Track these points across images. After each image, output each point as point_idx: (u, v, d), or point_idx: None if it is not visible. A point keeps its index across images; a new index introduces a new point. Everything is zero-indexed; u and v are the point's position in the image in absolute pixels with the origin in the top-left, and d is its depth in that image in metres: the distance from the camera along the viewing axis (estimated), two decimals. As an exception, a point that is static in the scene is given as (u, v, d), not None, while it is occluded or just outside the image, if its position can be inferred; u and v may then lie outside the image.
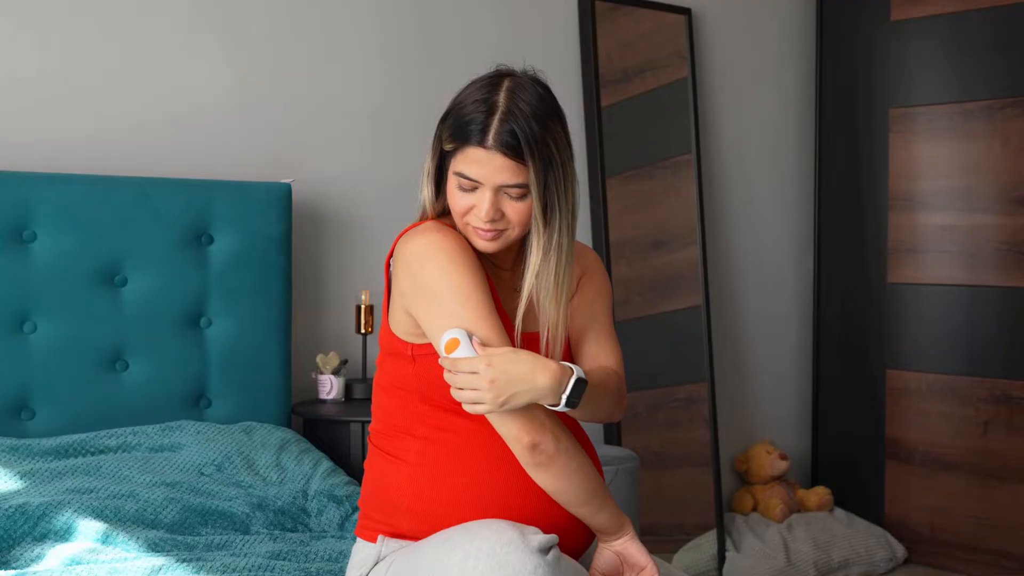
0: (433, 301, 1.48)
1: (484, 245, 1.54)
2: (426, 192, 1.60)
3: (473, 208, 1.51)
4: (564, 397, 1.43)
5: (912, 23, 3.50)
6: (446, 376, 1.44)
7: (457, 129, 1.49)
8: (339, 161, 2.95)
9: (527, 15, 3.28)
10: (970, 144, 3.40)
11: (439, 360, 1.45)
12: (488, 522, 1.40)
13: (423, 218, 1.62)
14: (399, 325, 1.56)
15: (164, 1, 2.71)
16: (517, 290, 1.61)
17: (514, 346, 1.54)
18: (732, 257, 3.75)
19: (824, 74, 3.77)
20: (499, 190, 1.49)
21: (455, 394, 1.43)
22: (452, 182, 1.52)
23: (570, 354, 1.64)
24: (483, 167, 1.48)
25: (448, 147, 1.52)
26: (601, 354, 1.64)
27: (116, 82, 2.65)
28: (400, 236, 1.58)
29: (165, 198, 2.51)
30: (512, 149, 1.46)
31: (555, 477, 1.47)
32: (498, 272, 1.63)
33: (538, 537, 1.36)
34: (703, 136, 3.63)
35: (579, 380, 1.44)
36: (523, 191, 1.49)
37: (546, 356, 1.54)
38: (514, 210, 1.51)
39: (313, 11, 2.92)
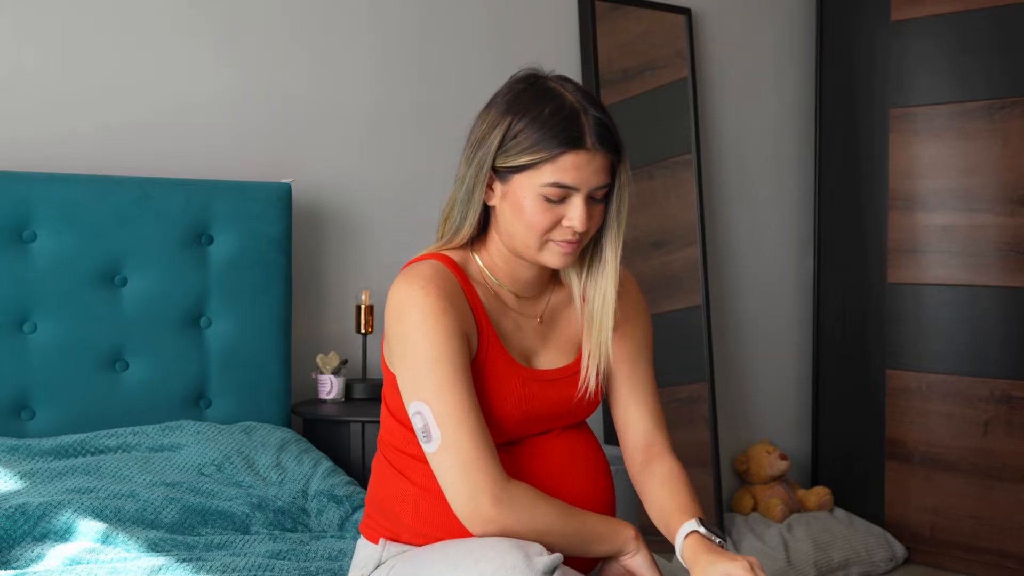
0: (404, 361, 1.46)
1: (564, 260, 1.49)
2: (470, 220, 1.52)
3: (560, 220, 1.46)
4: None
5: (912, 23, 3.50)
6: None
7: (541, 141, 1.43)
8: (339, 161, 2.95)
9: (527, 15, 3.28)
10: (970, 144, 3.40)
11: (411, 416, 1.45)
12: (492, 542, 1.37)
13: (449, 243, 1.56)
14: (391, 359, 1.53)
15: (164, 1, 2.70)
16: (538, 320, 1.59)
17: (528, 389, 1.52)
18: (732, 257, 3.75)
19: (824, 74, 3.77)
20: (589, 194, 1.46)
21: None
22: (532, 197, 1.44)
23: (601, 387, 1.61)
24: (582, 171, 1.43)
25: (523, 162, 1.44)
26: (649, 420, 1.64)
27: (116, 82, 2.65)
28: (406, 266, 1.54)
29: (165, 198, 2.51)
30: (610, 145, 1.44)
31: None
32: (521, 303, 1.58)
33: (542, 559, 1.33)
34: (703, 136, 3.63)
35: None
36: (605, 191, 1.47)
37: (581, 389, 1.56)
38: (596, 213, 1.48)
39: (313, 11, 2.92)
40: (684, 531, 1.49)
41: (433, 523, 1.50)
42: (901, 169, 3.55)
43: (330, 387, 2.73)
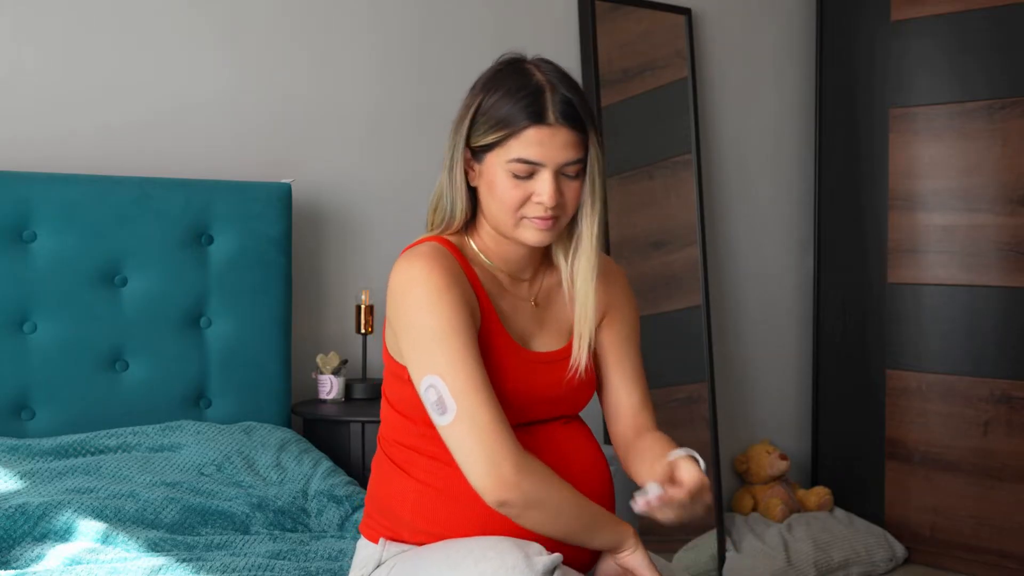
0: (412, 339, 1.46)
1: (542, 237, 1.50)
2: (459, 204, 1.53)
3: (531, 197, 1.46)
4: None
5: (912, 23, 3.50)
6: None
7: (505, 117, 1.44)
8: (339, 161, 2.95)
9: (527, 15, 3.28)
10: (970, 144, 3.40)
11: (423, 393, 1.44)
12: (493, 542, 1.37)
13: (444, 228, 1.57)
14: (395, 349, 1.53)
15: (164, 1, 2.71)
16: (532, 303, 1.59)
17: (525, 370, 1.53)
18: (732, 257, 3.76)
19: (824, 74, 3.78)
20: (557, 171, 1.46)
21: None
22: (502, 174, 1.46)
23: (593, 371, 1.62)
24: (546, 146, 1.44)
25: (490, 139, 1.46)
26: (637, 399, 1.65)
27: (116, 82, 2.65)
28: (405, 250, 1.54)
29: (165, 198, 2.51)
30: (574, 120, 1.45)
31: (532, 525, 1.44)
32: (515, 284, 1.59)
33: (542, 559, 1.34)
34: (703, 136, 3.63)
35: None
36: (579, 167, 1.47)
37: (572, 367, 1.56)
38: (570, 189, 1.48)
39: (313, 11, 2.92)
40: (674, 455, 1.51)
41: (435, 520, 1.50)
42: (901, 169, 3.55)
43: (330, 387, 2.73)
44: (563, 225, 1.51)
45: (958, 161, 3.43)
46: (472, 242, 1.57)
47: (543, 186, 1.45)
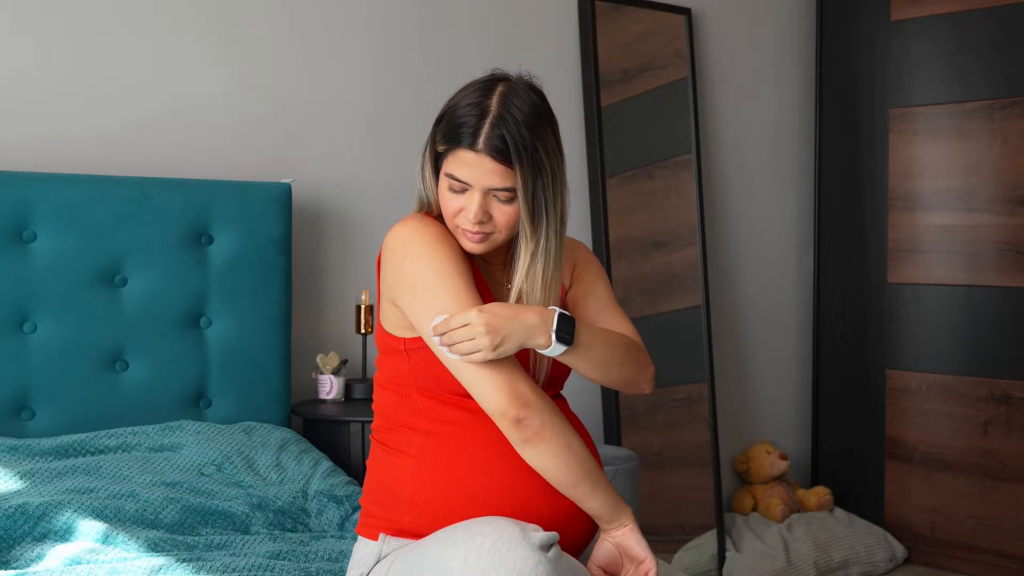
0: (415, 288, 1.51)
1: (471, 247, 1.56)
2: (432, 197, 1.61)
3: (462, 210, 1.53)
4: (554, 332, 1.47)
5: (912, 23, 3.50)
6: (443, 340, 1.44)
7: (449, 131, 1.52)
8: (339, 161, 2.95)
9: (527, 15, 3.28)
10: (970, 144, 3.40)
11: (431, 331, 1.46)
12: (489, 519, 1.41)
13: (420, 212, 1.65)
14: (389, 320, 1.59)
15: (164, 1, 2.71)
16: (507, 286, 1.64)
17: None
18: (732, 257, 3.76)
19: (824, 74, 3.78)
20: (488, 193, 1.51)
21: (455, 349, 1.44)
22: (443, 183, 1.55)
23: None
24: (472, 170, 1.50)
25: (440, 148, 1.54)
26: (615, 327, 1.67)
27: (116, 82, 2.65)
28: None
29: (165, 198, 2.51)
30: (501, 153, 1.48)
31: (543, 454, 1.48)
32: (488, 267, 1.65)
33: (539, 534, 1.36)
34: (703, 136, 3.63)
35: (563, 314, 1.48)
36: (511, 195, 1.52)
37: (533, 358, 1.58)
38: (502, 213, 1.53)
39: (312, 11, 2.92)
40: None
41: (435, 490, 1.53)
42: (901, 169, 3.55)
43: (330, 387, 2.73)
44: (499, 240, 1.56)
45: (958, 161, 3.43)
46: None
47: (470, 203, 1.52)
